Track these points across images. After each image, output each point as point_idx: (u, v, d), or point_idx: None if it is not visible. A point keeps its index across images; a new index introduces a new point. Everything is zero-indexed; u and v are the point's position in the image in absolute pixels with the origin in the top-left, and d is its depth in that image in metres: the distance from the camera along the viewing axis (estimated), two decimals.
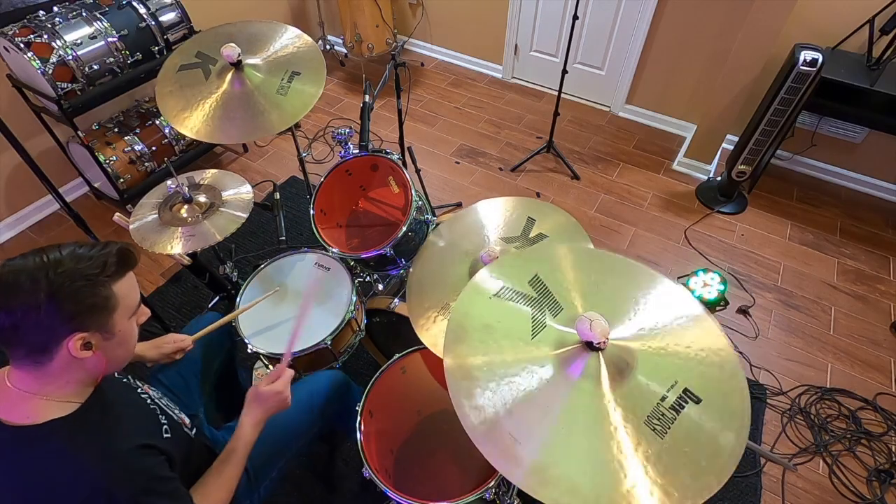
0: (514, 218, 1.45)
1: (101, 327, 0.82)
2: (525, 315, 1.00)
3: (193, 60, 1.71)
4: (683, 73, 3.03)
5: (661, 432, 0.82)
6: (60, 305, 0.77)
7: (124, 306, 0.85)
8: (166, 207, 1.58)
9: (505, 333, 0.98)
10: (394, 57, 2.03)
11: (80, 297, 0.78)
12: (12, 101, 2.35)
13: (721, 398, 0.87)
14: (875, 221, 2.74)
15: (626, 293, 1.02)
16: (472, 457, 1.40)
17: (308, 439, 1.36)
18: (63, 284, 0.77)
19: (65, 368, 0.81)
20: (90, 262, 0.80)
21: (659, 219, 2.74)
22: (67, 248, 0.81)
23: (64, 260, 0.79)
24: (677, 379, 0.88)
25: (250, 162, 3.06)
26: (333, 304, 1.55)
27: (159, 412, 1.01)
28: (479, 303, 1.03)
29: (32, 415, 0.80)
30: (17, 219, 2.62)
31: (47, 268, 0.77)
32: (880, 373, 2.09)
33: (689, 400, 0.86)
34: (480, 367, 0.93)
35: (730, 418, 0.85)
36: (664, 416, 0.84)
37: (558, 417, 0.86)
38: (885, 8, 2.28)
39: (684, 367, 0.90)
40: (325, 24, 3.86)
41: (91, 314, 0.80)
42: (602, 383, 0.88)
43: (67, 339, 0.78)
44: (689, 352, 0.92)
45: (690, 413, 0.85)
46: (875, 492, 1.76)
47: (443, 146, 3.19)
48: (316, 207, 1.69)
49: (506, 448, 0.83)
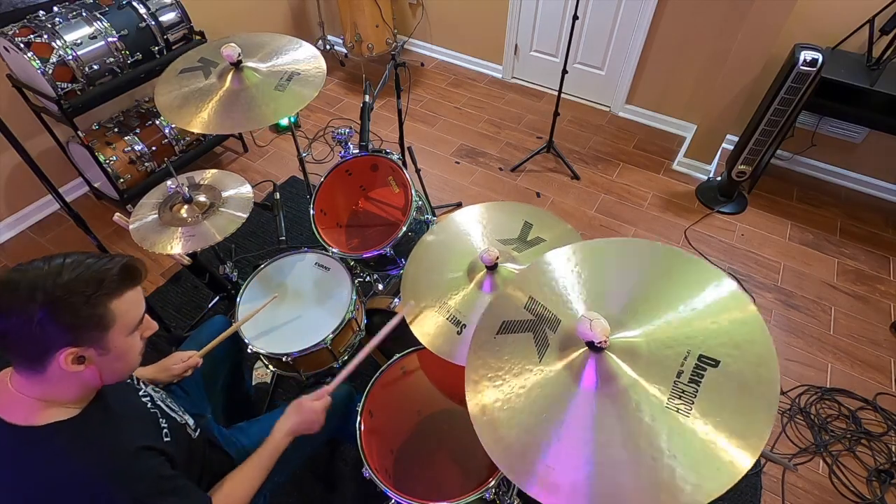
0: (511, 221, 1.45)
1: (96, 343, 0.80)
2: (527, 339, 0.99)
3: (195, 64, 1.71)
4: (683, 73, 3.03)
5: (685, 412, 0.80)
6: (54, 318, 0.75)
7: (122, 324, 0.82)
8: (166, 207, 1.59)
9: (515, 364, 0.96)
10: (394, 57, 2.03)
11: (74, 311, 0.76)
12: (12, 101, 2.35)
13: (743, 342, 0.85)
14: (875, 221, 2.74)
15: (625, 277, 1.01)
16: (473, 457, 1.41)
17: (314, 447, 1.38)
18: (59, 297, 0.75)
19: (60, 378, 0.80)
20: (89, 277, 0.78)
21: (659, 219, 2.74)
22: (72, 258, 0.79)
23: (64, 272, 0.77)
24: (689, 349, 0.86)
25: (250, 162, 3.06)
26: (333, 304, 1.55)
27: (160, 415, 1.01)
28: (485, 347, 1.02)
29: (34, 417, 0.80)
30: (17, 219, 2.62)
31: (46, 278, 0.76)
32: (880, 373, 2.09)
33: (708, 366, 0.83)
34: (499, 406, 0.91)
35: (756, 360, 0.82)
36: (685, 393, 0.82)
37: (586, 429, 0.84)
38: (885, 8, 2.28)
39: (692, 335, 0.88)
40: (325, 24, 3.86)
41: (85, 330, 0.79)
42: (620, 380, 0.87)
43: (59, 353, 0.77)
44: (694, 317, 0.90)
45: (711, 380, 0.82)
46: (875, 492, 1.76)
47: (443, 146, 3.19)
48: (316, 207, 1.69)
49: (545, 478, 0.82)
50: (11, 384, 0.82)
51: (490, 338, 1.02)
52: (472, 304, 1.25)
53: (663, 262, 1.02)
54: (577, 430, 0.85)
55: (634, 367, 0.87)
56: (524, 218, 1.44)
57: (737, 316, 0.89)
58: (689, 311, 0.92)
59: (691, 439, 0.78)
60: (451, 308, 1.27)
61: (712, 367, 0.83)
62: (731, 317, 0.89)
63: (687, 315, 0.91)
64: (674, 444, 0.78)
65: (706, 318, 0.90)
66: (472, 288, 1.28)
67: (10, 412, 0.81)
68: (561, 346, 0.95)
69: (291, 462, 1.30)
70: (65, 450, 0.80)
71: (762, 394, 0.80)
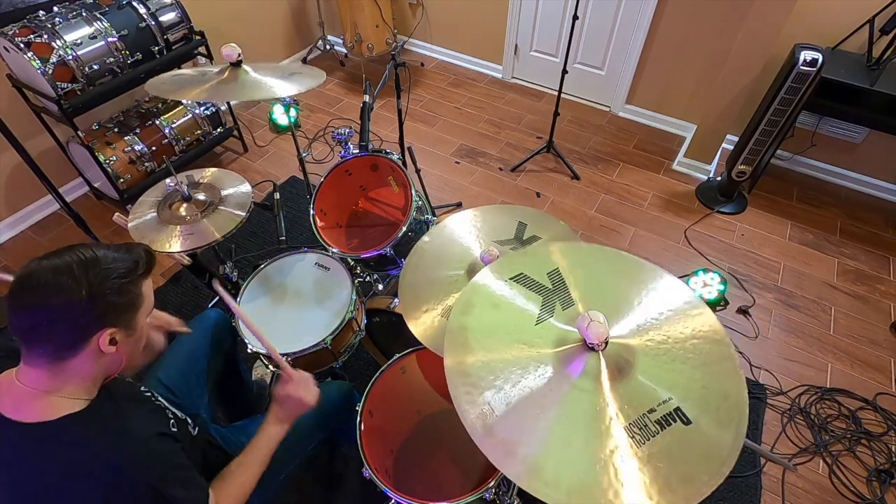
0: (504, 223, 1.46)
1: (127, 324, 0.85)
2: (535, 300, 1.01)
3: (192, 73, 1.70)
4: (683, 73, 3.03)
5: (639, 441, 0.82)
6: (97, 302, 0.79)
7: (147, 304, 0.89)
8: (165, 206, 1.58)
9: (511, 317, 0.99)
10: (394, 57, 2.03)
11: (115, 294, 0.81)
12: (12, 101, 2.35)
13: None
14: (875, 221, 2.74)
15: (633, 294, 1.02)
16: (472, 457, 1.41)
17: (315, 445, 1.38)
18: (103, 281, 0.79)
19: (84, 365, 0.82)
20: (124, 261, 0.83)
21: (659, 219, 2.74)
22: (100, 248, 0.84)
23: (100, 259, 0.81)
24: (672, 395, 0.87)
25: (250, 162, 3.06)
26: (333, 304, 1.55)
27: (164, 407, 1.03)
28: (488, 291, 1.04)
29: (45, 412, 0.81)
30: (17, 219, 2.62)
31: (87, 266, 0.79)
32: (880, 373, 2.09)
33: (679, 419, 0.84)
34: (480, 366, 0.93)
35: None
36: (646, 427, 0.83)
37: (556, 415, 0.86)
38: (885, 8, 2.28)
39: (686, 378, 0.89)
40: (325, 24, 3.86)
41: (122, 311, 0.83)
42: (601, 382, 0.88)
43: (98, 335, 0.80)
44: (693, 357, 0.91)
45: (675, 431, 0.83)
46: (875, 492, 1.76)
47: (443, 146, 3.19)
48: (316, 207, 1.69)
49: (506, 447, 0.83)
50: (20, 380, 0.82)
51: (503, 279, 1.05)
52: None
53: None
54: (542, 405, 0.87)
55: (615, 382, 0.88)
56: (518, 218, 1.45)
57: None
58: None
59: (633, 467, 0.80)
60: (451, 307, 1.26)
61: (682, 424, 0.84)
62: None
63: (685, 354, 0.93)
64: (619, 460, 0.80)
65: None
66: None
67: (22, 411, 0.81)
68: (560, 332, 0.97)
69: (294, 458, 1.31)
70: (81, 438, 0.81)
71: (712, 468, 0.80)
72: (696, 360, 0.91)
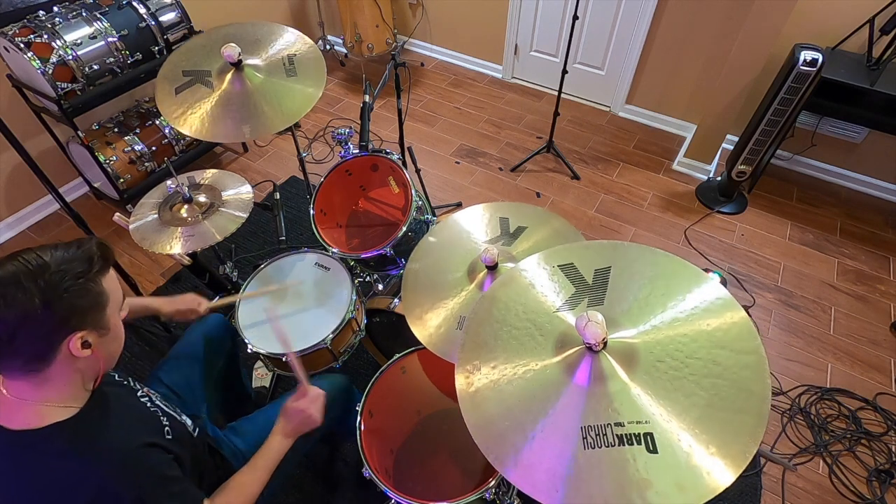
0: (487, 222, 1.46)
1: (97, 324, 0.82)
2: (568, 290, 1.01)
3: (192, 69, 1.69)
4: (683, 73, 3.03)
5: (590, 445, 0.78)
6: (55, 308, 0.75)
7: (114, 300, 0.85)
8: (166, 207, 1.59)
9: (536, 299, 1.01)
10: (394, 57, 2.03)
11: (74, 296, 0.77)
12: (12, 101, 2.35)
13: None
14: (875, 221, 2.74)
15: (671, 309, 0.94)
16: (472, 457, 1.41)
17: (311, 442, 1.37)
18: (55, 287, 0.75)
19: (62, 373, 0.80)
20: (76, 261, 0.79)
21: (659, 219, 2.74)
22: (46, 251, 0.78)
23: (49, 263, 0.76)
24: (649, 419, 0.80)
25: (250, 162, 3.06)
26: (333, 304, 1.55)
27: (161, 413, 1.01)
28: (531, 273, 1.06)
29: (32, 420, 0.80)
30: (17, 219, 2.62)
31: (35, 273, 0.74)
32: (880, 373, 2.09)
33: (645, 444, 0.77)
34: (489, 332, 0.98)
35: None
36: (604, 436, 0.79)
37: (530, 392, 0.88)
38: (885, 8, 2.28)
39: (681, 409, 0.81)
40: (325, 24, 3.86)
41: (87, 312, 0.80)
42: (593, 381, 0.87)
43: (67, 341, 0.77)
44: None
45: (632, 453, 0.77)
46: (875, 492, 1.76)
47: (443, 146, 3.19)
48: (316, 207, 1.69)
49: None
50: (5, 390, 0.81)
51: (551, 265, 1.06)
52: (472, 305, 1.25)
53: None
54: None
55: (601, 384, 0.86)
56: (498, 215, 1.46)
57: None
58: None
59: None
60: (452, 308, 1.27)
61: (647, 451, 0.78)
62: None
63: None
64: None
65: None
66: (472, 288, 1.28)
67: (9, 417, 0.80)
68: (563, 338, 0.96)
69: (291, 456, 1.30)
70: (67, 448, 0.79)
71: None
72: (703, 399, 0.80)
